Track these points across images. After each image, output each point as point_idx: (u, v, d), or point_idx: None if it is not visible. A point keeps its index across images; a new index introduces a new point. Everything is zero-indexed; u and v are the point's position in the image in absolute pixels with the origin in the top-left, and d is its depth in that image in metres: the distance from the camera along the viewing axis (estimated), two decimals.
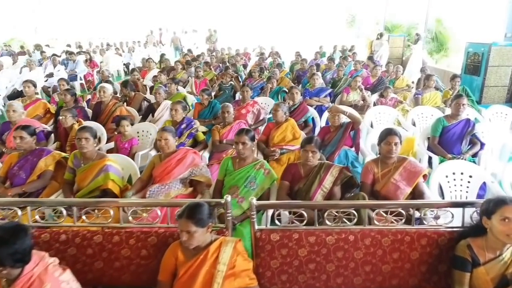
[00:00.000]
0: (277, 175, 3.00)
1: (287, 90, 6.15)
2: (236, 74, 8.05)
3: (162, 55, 10.75)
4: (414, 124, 5.12)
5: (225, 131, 4.01)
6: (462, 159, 3.65)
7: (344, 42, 15.53)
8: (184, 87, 7.69)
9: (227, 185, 2.87)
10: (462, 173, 3.07)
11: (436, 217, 2.04)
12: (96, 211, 2.15)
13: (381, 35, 12.14)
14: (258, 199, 2.80)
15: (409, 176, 2.66)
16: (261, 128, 4.87)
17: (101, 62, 12.49)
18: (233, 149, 3.90)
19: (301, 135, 4.01)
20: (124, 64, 13.57)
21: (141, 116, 5.15)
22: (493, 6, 10.34)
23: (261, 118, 5.00)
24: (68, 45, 16.30)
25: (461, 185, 3.06)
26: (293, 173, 2.84)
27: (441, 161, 3.78)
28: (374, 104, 6.23)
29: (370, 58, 9.19)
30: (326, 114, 5.13)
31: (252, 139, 2.89)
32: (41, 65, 11.10)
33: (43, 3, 21.95)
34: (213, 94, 7.38)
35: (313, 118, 5.12)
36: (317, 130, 4.84)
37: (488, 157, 3.96)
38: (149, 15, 22.65)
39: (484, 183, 3.05)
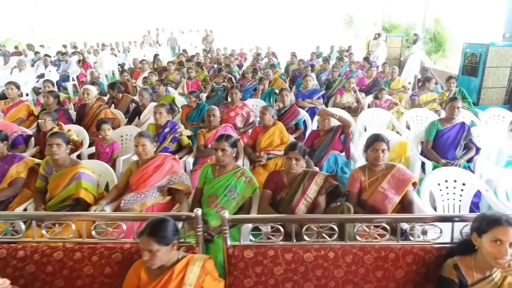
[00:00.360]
0: (263, 181, 2.85)
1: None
2: (229, 75, 7.90)
3: (156, 56, 10.59)
4: (408, 127, 4.97)
5: (211, 135, 3.85)
6: (456, 164, 3.50)
7: (342, 42, 15.40)
8: (176, 89, 7.56)
9: (206, 193, 2.71)
10: (455, 181, 2.91)
11: (423, 232, 1.89)
12: (57, 225, 1.99)
13: (378, 35, 11.99)
14: (239, 209, 2.66)
15: (398, 184, 2.51)
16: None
17: (95, 63, 12.34)
18: None
19: (289, 140, 3.86)
20: (119, 65, 13.42)
21: (127, 119, 4.99)
22: (492, 6, 10.20)
23: (250, 121, 4.84)
24: (64, 46, 16.15)
25: (454, 193, 2.91)
26: (275, 181, 2.69)
27: (434, 167, 3.63)
28: (369, 106, 6.08)
29: (366, 58, 9.04)
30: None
31: (233, 145, 2.74)
32: (33, 65, 10.94)
33: (39, 3, 21.78)
34: (205, 95, 7.26)
35: (304, 121, 4.97)
36: (309, 133, 4.70)
37: (484, 163, 3.81)
38: (146, 15, 22.50)
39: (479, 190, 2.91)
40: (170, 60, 11.93)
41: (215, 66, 9.82)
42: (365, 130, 4.95)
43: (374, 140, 2.58)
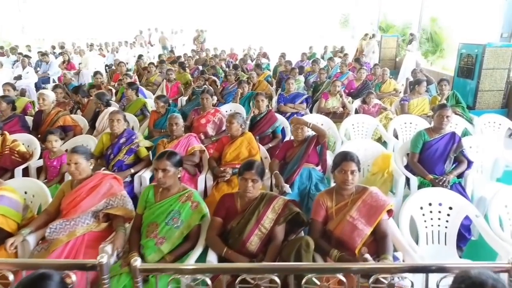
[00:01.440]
0: None
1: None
2: (212, 78, 7.49)
3: (140, 56, 10.18)
4: (396, 136, 4.56)
5: (172, 146, 3.44)
6: (445, 180, 3.10)
7: (338, 43, 14.98)
8: (154, 92, 7.17)
9: (145, 221, 2.30)
10: (440, 204, 2.50)
11: (390, 286, 1.48)
12: None
13: (366, 34, 11.59)
14: (185, 239, 2.25)
15: (370, 212, 2.11)
16: None
17: (80, 64, 11.94)
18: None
19: (259, 152, 3.45)
20: (106, 66, 13.01)
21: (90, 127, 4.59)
22: (489, 5, 9.79)
23: (223, 128, 4.43)
24: (53, 46, 15.73)
25: (439, 219, 2.50)
26: (227, 206, 2.28)
27: (420, 183, 3.23)
28: (356, 112, 5.68)
29: (357, 60, 8.63)
30: None
31: (177, 164, 2.33)
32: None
33: (30, 3, 21.37)
34: (185, 99, 6.86)
35: (283, 128, 4.57)
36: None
37: (476, 177, 3.41)
38: (139, 14, 22.10)
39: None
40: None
41: (200, 67, 9.44)
42: (349, 139, 4.55)
43: (342, 160, 2.18)
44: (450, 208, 2.48)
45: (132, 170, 3.38)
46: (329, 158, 3.53)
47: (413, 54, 11.09)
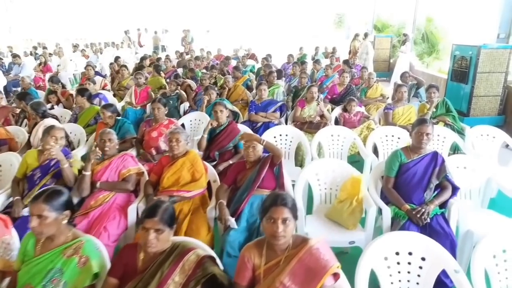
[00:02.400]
0: None
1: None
2: (187, 82, 6.95)
3: (116, 58, 9.63)
4: (376, 151, 4.02)
5: (101, 168, 2.89)
6: (424, 213, 2.56)
7: (331, 43, 14.41)
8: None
9: (20, 281, 1.76)
10: (410, 253, 1.96)
11: None
12: None
13: (357, 35, 11.05)
14: None
15: (307, 277, 1.56)
16: None
17: (58, 66, 11.41)
18: (108, 194, 2.82)
19: (204, 175, 2.91)
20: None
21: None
22: (486, 3, 9.24)
23: None
24: (34, 47, 15.21)
25: (408, 272, 1.96)
26: (126, 262, 1.74)
27: (395, 214, 2.69)
28: (337, 121, 5.15)
29: (346, 62, 8.07)
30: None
31: (60, 208, 1.77)
32: None
33: (17, 2, 20.84)
34: None
35: None
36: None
37: (464, 204, 2.86)
38: (129, 14, 21.59)
39: None
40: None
41: (180, 70, 8.91)
42: (322, 156, 4.01)
43: (272, 205, 1.64)
44: (423, 259, 1.94)
45: None
46: (309, 167, 3.01)
47: (407, 55, 10.56)
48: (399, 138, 4.00)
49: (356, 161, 4.23)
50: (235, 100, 6.19)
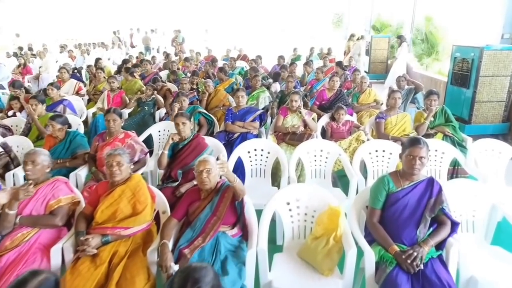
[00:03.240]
0: None
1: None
2: (166, 86, 6.43)
3: (97, 60, 9.11)
4: (364, 169, 3.50)
5: (24, 200, 2.37)
6: (416, 257, 2.05)
7: (329, 44, 13.87)
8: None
9: None
10: None
11: None
12: None
13: (352, 35, 10.54)
14: None
15: None
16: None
17: (40, 67, 10.90)
18: (30, 231, 2.30)
19: (149, 206, 2.38)
20: (75, 69, 11.97)
21: None
22: (489, 2, 8.71)
23: (136, 158, 3.37)
24: (20, 48, 14.68)
25: None
26: None
27: (380, 258, 2.17)
28: (323, 131, 4.63)
29: (339, 63, 7.55)
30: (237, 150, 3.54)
31: None
32: None
33: (6, 2, 20.35)
34: (128, 112, 5.81)
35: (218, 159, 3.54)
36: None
37: (465, 241, 2.35)
38: (121, 14, 21.10)
39: None
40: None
41: (164, 73, 8.40)
42: (303, 175, 3.50)
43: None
44: None
45: None
46: (278, 194, 2.50)
47: (404, 58, 10.05)
48: (391, 153, 3.48)
49: (344, 175, 3.70)
50: (215, 106, 5.67)
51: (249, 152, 3.54)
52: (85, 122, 5.36)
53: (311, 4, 20.74)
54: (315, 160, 3.51)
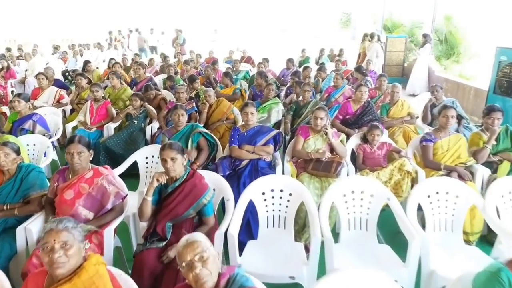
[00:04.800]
0: None
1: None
2: (160, 94, 5.51)
3: (86, 63, 8.18)
4: (423, 225, 2.53)
5: None
6: None
7: (337, 45, 12.93)
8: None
9: None
10: None
11: None
12: None
13: (371, 36, 9.60)
14: None
15: None
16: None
17: (26, 71, 9.99)
18: None
19: None
20: (67, 72, 11.07)
21: None
22: None
23: (110, 205, 2.44)
24: (8, 48, 13.78)
25: None
26: None
27: None
28: (353, 156, 3.70)
29: (358, 69, 6.62)
30: (251, 191, 2.61)
31: None
32: None
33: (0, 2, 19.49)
34: (113, 126, 4.90)
35: (222, 204, 2.64)
36: (228, 224, 2.35)
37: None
38: (118, 14, 20.22)
39: None
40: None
41: (159, 78, 7.48)
42: (336, 226, 2.56)
43: None
44: None
45: None
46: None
47: (426, 59, 9.11)
48: (457, 196, 2.53)
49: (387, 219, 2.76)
50: (218, 119, 4.78)
51: (263, 193, 2.61)
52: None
53: (316, 2, 19.78)
54: (353, 206, 2.57)
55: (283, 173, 3.33)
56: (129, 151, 4.34)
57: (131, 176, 3.32)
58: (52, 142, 4.32)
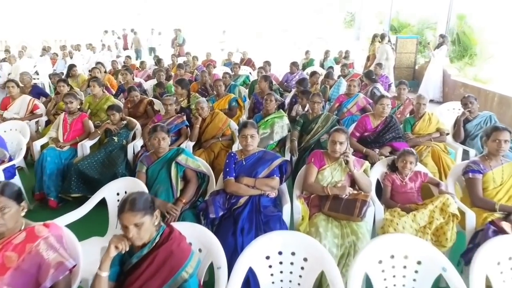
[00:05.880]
0: None
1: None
2: (147, 98, 4.78)
3: (71, 67, 7.44)
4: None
5: None
6: None
7: (341, 46, 12.18)
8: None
9: None
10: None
11: None
12: None
13: (382, 37, 8.88)
14: None
15: None
16: None
17: (9, 74, 9.27)
18: None
19: None
20: (56, 75, 10.34)
21: None
22: None
23: (49, 283, 1.69)
24: None
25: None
26: None
27: None
28: (379, 189, 2.97)
29: (368, 74, 5.88)
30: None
31: None
32: None
33: None
34: (89, 144, 4.17)
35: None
36: None
37: None
38: (115, 14, 19.51)
39: None
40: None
41: (148, 84, 6.76)
42: None
43: None
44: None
45: None
46: None
47: (441, 61, 8.38)
48: None
49: None
50: (212, 136, 4.06)
51: (268, 257, 1.89)
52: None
53: (318, 2, 19.04)
54: (393, 276, 1.84)
55: (291, 214, 2.60)
56: (106, 175, 3.67)
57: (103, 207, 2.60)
58: (14, 166, 3.61)
